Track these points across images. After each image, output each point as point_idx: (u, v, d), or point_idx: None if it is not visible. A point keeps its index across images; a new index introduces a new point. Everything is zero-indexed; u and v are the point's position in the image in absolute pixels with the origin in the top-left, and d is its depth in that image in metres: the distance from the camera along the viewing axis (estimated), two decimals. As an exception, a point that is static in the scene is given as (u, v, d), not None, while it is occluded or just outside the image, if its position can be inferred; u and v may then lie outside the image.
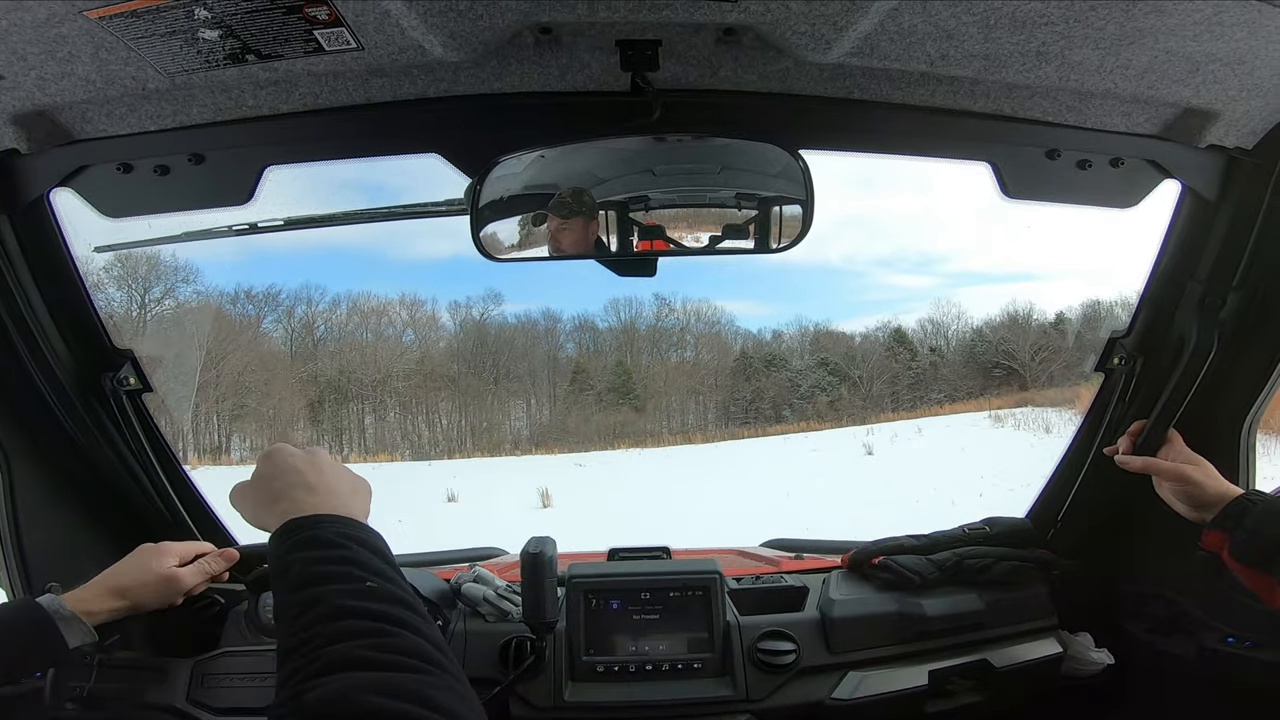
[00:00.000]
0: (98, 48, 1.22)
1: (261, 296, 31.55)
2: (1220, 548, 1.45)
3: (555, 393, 34.50)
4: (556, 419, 34.17)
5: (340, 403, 32.40)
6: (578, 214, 1.43)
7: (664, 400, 34.68)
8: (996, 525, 2.02)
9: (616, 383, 34.80)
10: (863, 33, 1.26)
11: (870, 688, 1.73)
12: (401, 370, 33.52)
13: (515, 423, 33.97)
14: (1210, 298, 1.65)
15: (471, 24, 1.22)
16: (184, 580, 1.48)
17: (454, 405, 33.92)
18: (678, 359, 35.70)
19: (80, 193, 1.55)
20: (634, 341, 35.79)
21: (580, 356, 35.59)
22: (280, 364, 32.13)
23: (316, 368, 32.90)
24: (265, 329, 32.13)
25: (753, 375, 34.71)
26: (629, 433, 33.23)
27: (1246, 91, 1.41)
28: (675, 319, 35.46)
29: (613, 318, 35.92)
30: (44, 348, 1.64)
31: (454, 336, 34.21)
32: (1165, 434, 1.64)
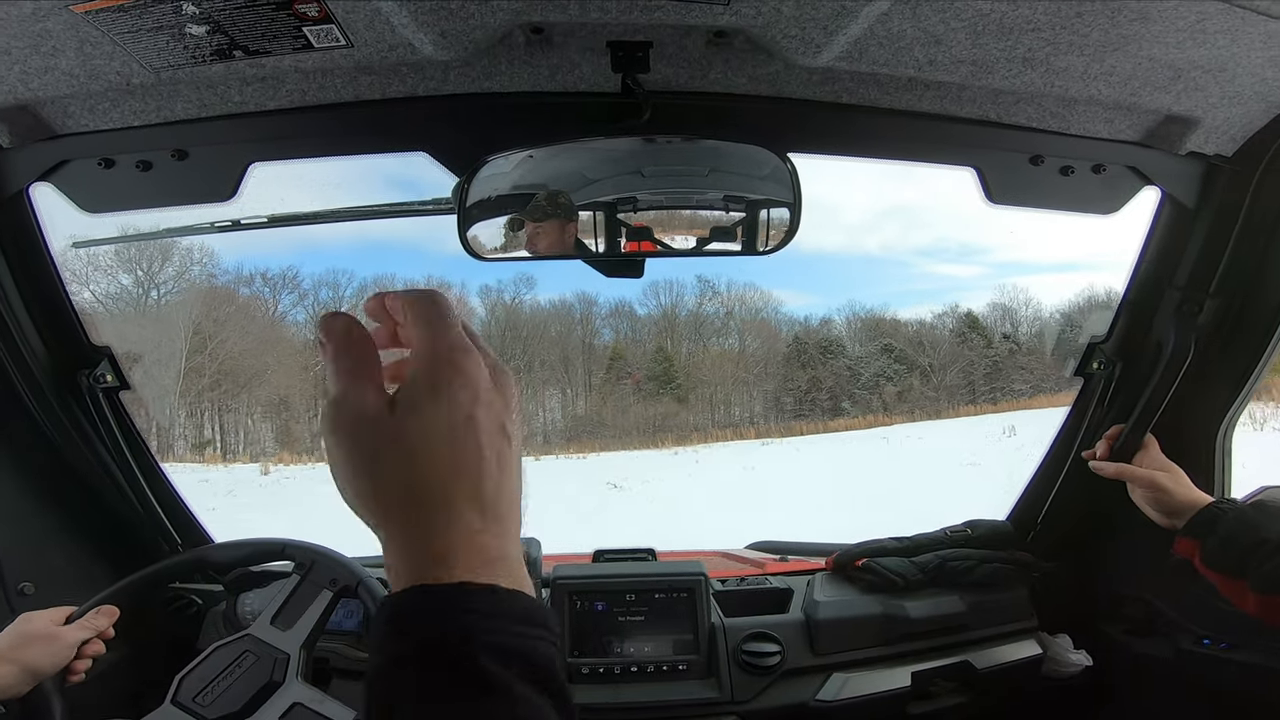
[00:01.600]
0: (82, 42, 1.20)
1: (278, 278, 28.90)
2: (1192, 554, 1.47)
3: (590, 381, 31.43)
4: (591, 410, 31.09)
5: None
6: (552, 216, 1.43)
7: (709, 390, 31.23)
8: (978, 528, 2.04)
9: (657, 370, 31.43)
10: (852, 37, 1.27)
11: (854, 689, 1.74)
12: None
13: (549, 414, 30.92)
14: (1188, 304, 1.68)
15: (462, 23, 1.22)
16: (66, 635, 1.42)
17: None
18: (721, 347, 32.03)
19: (60, 188, 1.52)
20: (674, 328, 32.35)
21: (617, 343, 32.20)
22: (292, 349, 29.49)
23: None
24: (282, 312, 29.58)
25: (808, 363, 30.76)
26: (672, 427, 29.98)
27: (1227, 99, 1.43)
28: (719, 304, 32.23)
29: (652, 302, 32.29)
30: (20, 344, 1.62)
31: (483, 322, 30.77)
32: (1142, 439, 1.66)
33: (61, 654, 1.40)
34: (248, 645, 1.48)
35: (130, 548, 1.86)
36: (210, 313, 26.80)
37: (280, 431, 27.88)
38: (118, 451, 1.79)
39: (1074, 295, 28.53)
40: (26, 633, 1.39)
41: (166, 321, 25.24)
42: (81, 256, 2.49)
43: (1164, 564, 1.57)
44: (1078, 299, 29.25)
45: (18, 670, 1.34)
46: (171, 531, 1.92)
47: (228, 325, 27.19)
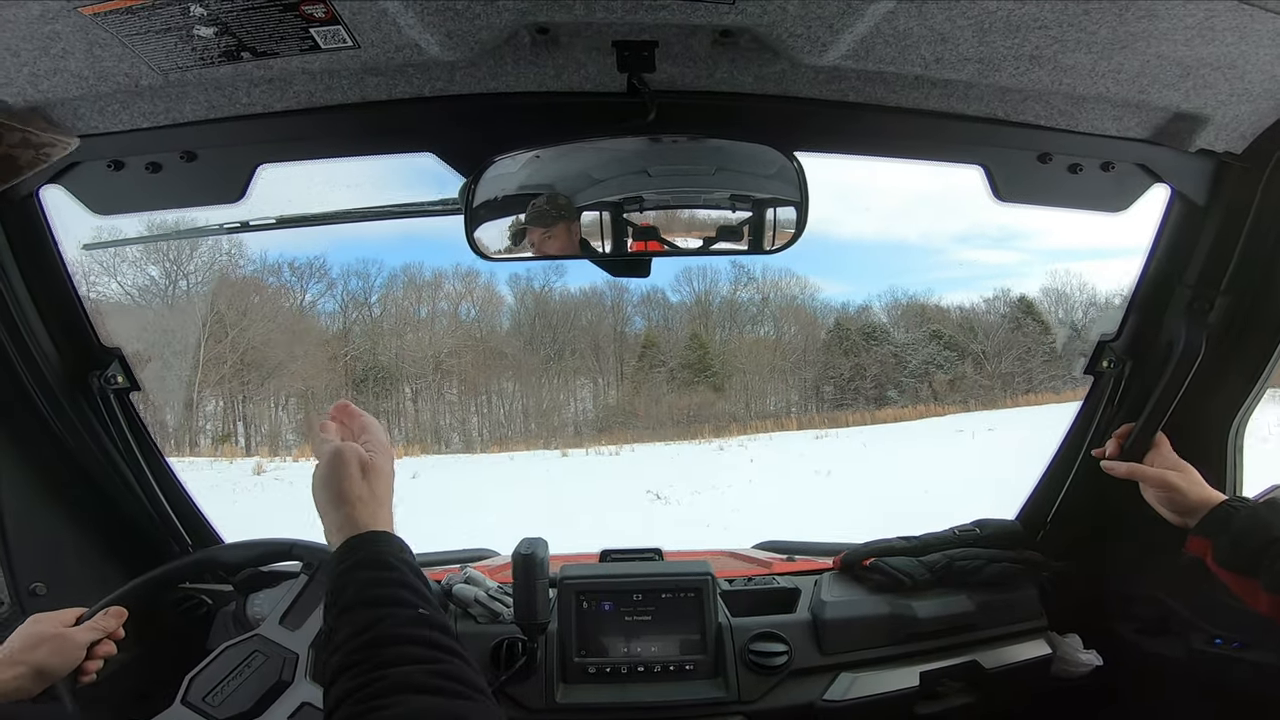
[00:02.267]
0: (91, 44, 1.21)
1: (305, 267, 27.74)
2: (1204, 553, 1.46)
3: (622, 370, 29.94)
4: (623, 400, 29.48)
5: (379, 382, 28.41)
6: (559, 220, 1.43)
7: (745, 379, 29.52)
8: (986, 527, 2.03)
9: (691, 358, 29.69)
10: (858, 36, 1.27)
11: (862, 689, 1.74)
12: (450, 347, 29.29)
13: (579, 403, 29.66)
14: (1198, 302, 1.67)
15: (468, 23, 1.22)
16: (77, 637, 1.43)
17: (513, 387, 29.28)
18: (756, 334, 30.47)
19: (70, 190, 1.53)
20: (708, 314, 30.74)
21: (650, 330, 30.54)
22: (319, 340, 28.47)
23: (357, 346, 29.01)
24: (309, 302, 28.45)
25: (851, 350, 28.90)
26: (708, 417, 28.18)
27: (1236, 96, 1.43)
28: (754, 290, 30.55)
29: (685, 289, 30.77)
30: (31, 345, 1.63)
31: (512, 310, 30.25)
32: (1153, 438, 1.64)
33: (72, 655, 1.41)
34: (257, 645, 1.48)
35: (140, 548, 1.87)
36: (235, 303, 26.06)
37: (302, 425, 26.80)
38: (128, 452, 1.80)
39: (1131, 281, 27.52)
40: (37, 634, 1.39)
41: (192, 312, 24.83)
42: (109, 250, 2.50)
43: (1175, 563, 1.55)
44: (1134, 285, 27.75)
45: (30, 672, 1.35)
46: (181, 532, 1.93)
47: (251, 315, 26.53)
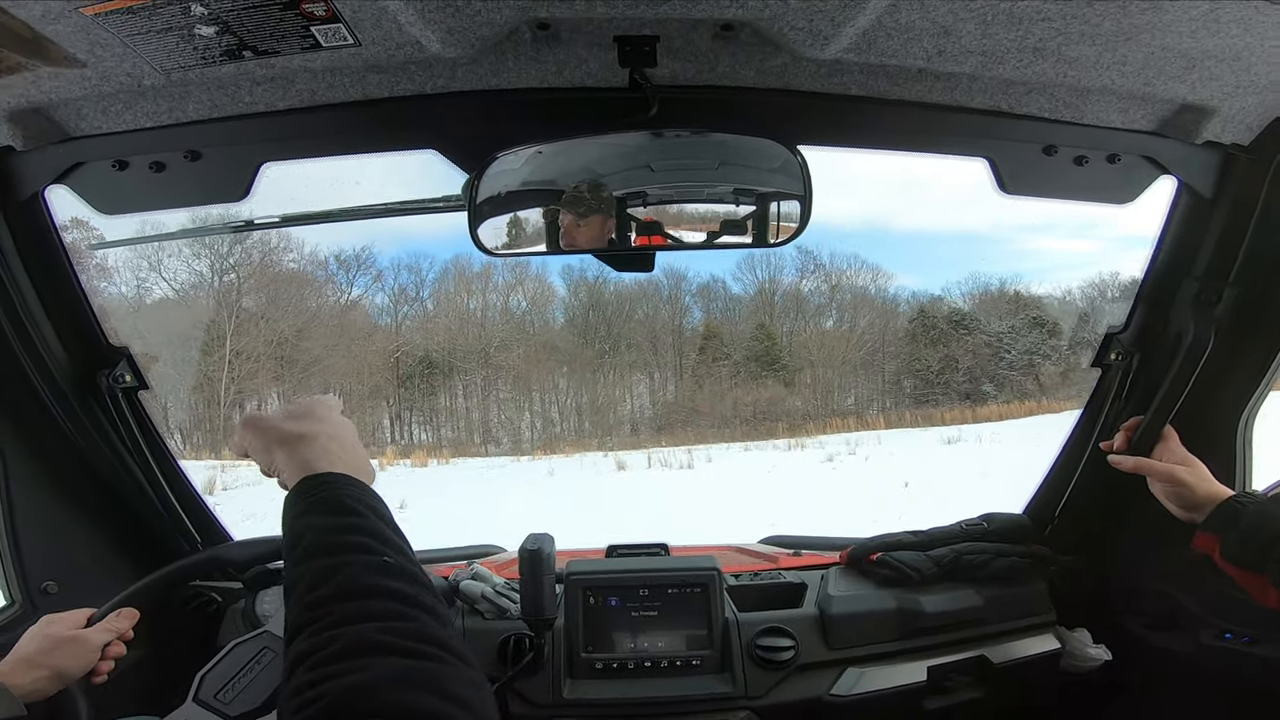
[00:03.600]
0: (93, 44, 1.21)
1: (351, 258, 26.56)
2: (1212, 549, 1.45)
3: (681, 364, 27.75)
4: (684, 395, 27.24)
5: (424, 378, 26.93)
6: (596, 211, 1.43)
7: (817, 372, 27.05)
8: (994, 521, 2.02)
9: (758, 350, 27.29)
10: (860, 28, 1.26)
11: (869, 684, 1.74)
12: (500, 341, 27.62)
13: (636, 400, 27.64)
14: (1206, 294, 1.65)
15: (469, 20, 1.22)
16: (91, 638, 1.43)
17: (566, 383, 27.79)
18: (824, 325, 28.24)
19: (76, 190, 1.54)
20: (772, 305, 28.49)
21: (710, 321, 28.44)
22: (362, 333, 27.08)
23: (407, 340, 27.65)
24: (356, 296, 27.33)
25: (939, 340, 26.34)
26: (780, 414, 25.57)
27: (1243, 88, 1.41)
28: (821, 279, 28.25)
29: (747, 277, 28.51)
30: (39, 345, 1.64)
31: (564, 301, 28.55)
32: (1160, 431, 1.64)
33: (87, 657, 1.42)
34: (266, 642, 1.49)
35: (150, 546, 1.88)
36: (278, 298, 25.41)
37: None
38: (137, 451, 1.81)
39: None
40: (53, 636, 1.40)
41: (230, 306, 24.36)
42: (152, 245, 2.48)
43: (1184, 557, 1.54)
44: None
45: (48, 675, 1.36)
46: (191, 530, 1.94)
47: (291, 309, 25.73)
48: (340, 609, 0.77)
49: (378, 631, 0.75)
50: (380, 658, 0.72)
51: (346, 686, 0.69)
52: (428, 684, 0.72)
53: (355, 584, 0.80)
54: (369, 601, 0.78)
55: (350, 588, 0.79)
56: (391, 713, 0.68)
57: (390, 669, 0.72)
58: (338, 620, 0.76)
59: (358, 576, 0.80)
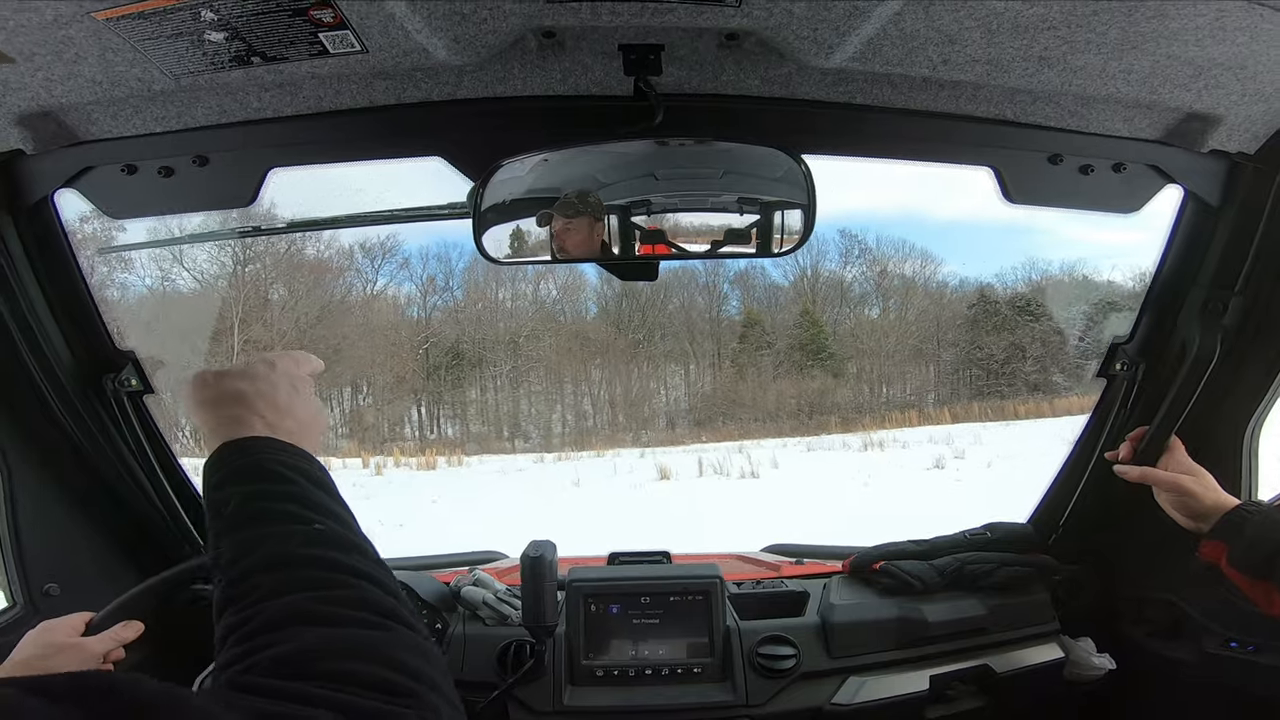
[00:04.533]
0: (105, 49, 1.22)
1: (376, 247, 24.89)
2: (1218, 558, 1.45)
3: (720, 353, 25.73)
4: (723, 387, 25.19)
5: (450, 370, 25.34)
6: (583, 214, 1.43)
7: (867, 362, 24.85)
8: (998, 530, 2.01)
9: (803, 338, 25.15)
10: (865, 38, 1.27)
11: (870, 693, 1.73)
12: (530, 330, 26.00)
13: (670, 392, 25.67)
14: (1213, 303, 1.65)
15: (475, 28, 1.23)
16: (91, 646, 1.41)
17: (600, 374, 25.82)
18: (868, 313, 26.18)
19: (85, 194, 1.55)
20: (815, 290, 26.27)
21: (751, 308, 26.40)
22: (391, 325, 25.42)
23: (436, 331, 25.83)
24: (381, 287, 25.77)
25: (1002, 327, 23.85)
26: (830, 407, 23.38)
27: (1249, 96, 1.41)
28: (867, 264, 25.95)
29: (788, 262, 25.83)
30: (46, 348, 1.64)
31: (596, 290, 26.20)
32: (1166, 441, 1.63)
33: (87, 665, 1.40)
34: None
35: (152, 549, 1.89)
36: (296, 288, 24.15)
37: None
38: (141, 454, 1.81)
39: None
40: (51, 643, 1.39)
41: (257, 296, 23.51)
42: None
43: (1188, 566, 1.54)
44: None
45: None
46: (193, 533, 1.95)
47: (312, 299, 24.46)
48: (267, 580, 0.72)
49: (310, 601, 0.70)
50: (313, 627, 0.68)
51: (274, 657, 0.65)
52: (370, 652, 0.67)
53: (284, 553, 0.74)
54: (300, 571, 0.73)
55: (278, 557, 0.74)
56: (329, 681, 0.63)
57: (325, 637, 0.67)
58: (265, 593, 0.70)
59: (286, 545, 0.75)
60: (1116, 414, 1.87)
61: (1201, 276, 1.69)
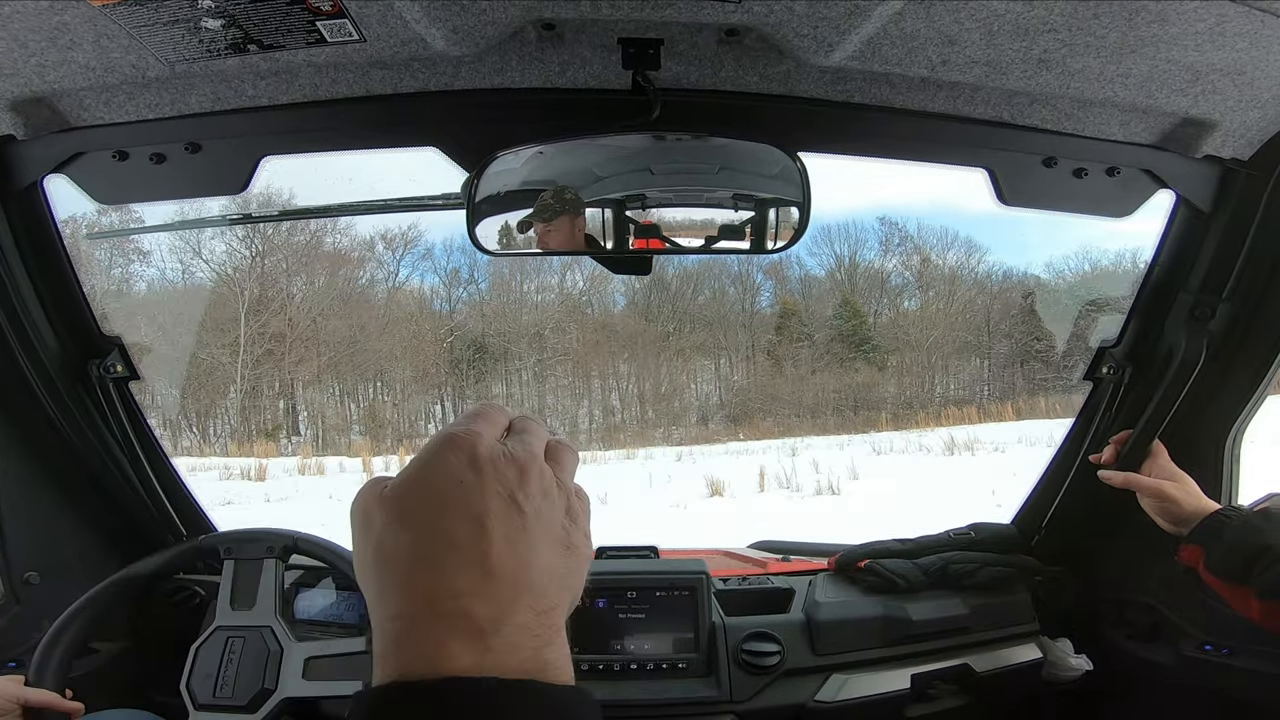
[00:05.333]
0: (99, 35, 1.21)
1: (398, 238, 24.25)
2: (1196, 562, 1.47)
3: (754, 345, 24.57)
4: (758, 380, 23.69)
5: (473, 364, 24.49)
6: (561, 214, 1.43)
7: (912, 354, 23.36)
8: (982, 531, 2.03)
9: (845, 330, 23.94)
10: (865, 36, 1.27)
11: (853, 690, 1.74)
12: (555, 322, 25.19)
13: (702, 385, 24.47)
14: (1200, 309, 1.66)
15: (474, 18, 1.22)
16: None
17: (628, 368, 24.61)
18: (909, 304, 24.96)
19: (75, 179, 1.54)
20: (854, 280, 25.20)
21: (787, 298, 25.23)
22: (413, 317, 24.65)
23: (459, 322, 25.21)
24: (404, 279, 25.21)
25: (1063, 317, 22.73)
26: (877, 402, 22.01)
27: (1245, 102, 1.42)
28: (907, 250, 24.75)
29: (825, 251, 24.77)
30: (31, 334, 1.63)
31: (625, 281, 25.10)
32: (1150, 445, 1.65)
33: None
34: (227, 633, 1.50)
35: (135, 538, 1.87)
36: (317, 277, 23.55)
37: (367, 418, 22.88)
38: (126, 442, 1.80)
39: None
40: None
41: (274, 288, 22.91)
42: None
43: (1167, 569, 1.56)
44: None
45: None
46: (177, 522, 1.94)
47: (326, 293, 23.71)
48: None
49: None
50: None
51: None
52: None
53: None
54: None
55: None
56: None
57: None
58: None
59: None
60: (1102, 417, 1.88)
61: (1190, 282, 1.70)
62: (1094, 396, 1.92)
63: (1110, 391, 1.86)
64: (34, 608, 1.67)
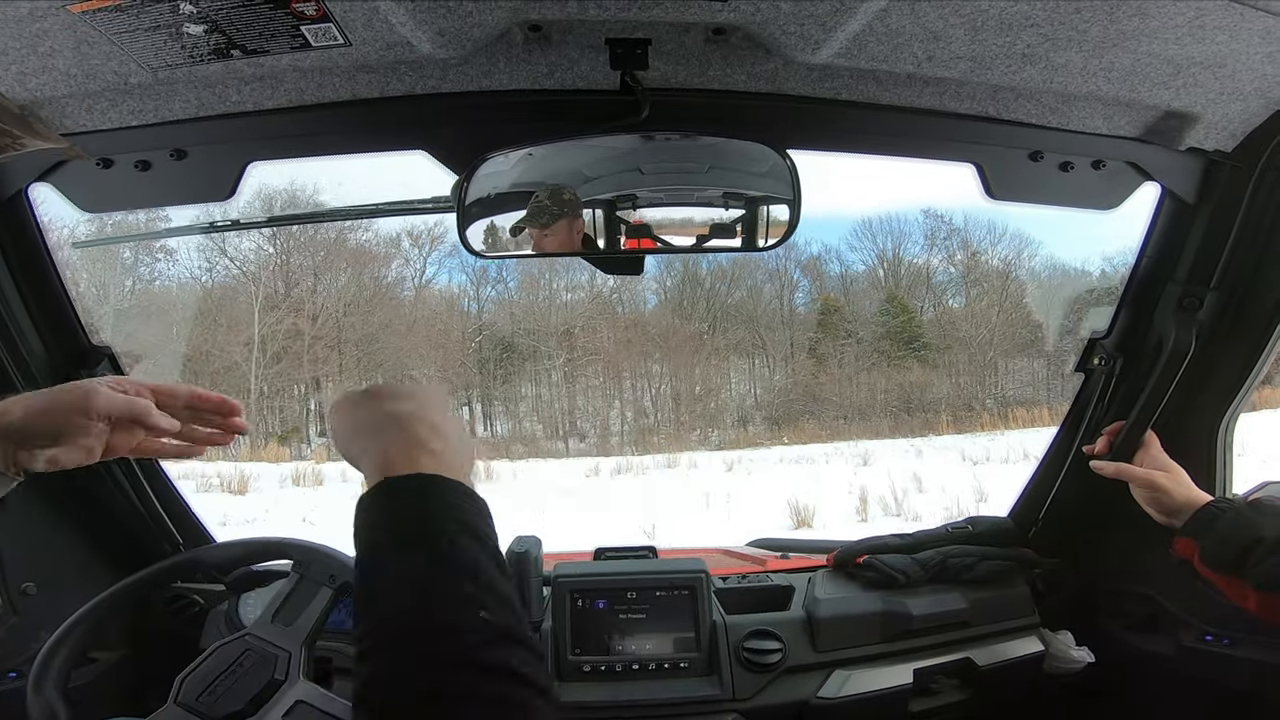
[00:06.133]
0: (80, 42, 1.20)
1: (424, 235, 23.11)
2: (1191, 554, 1.48)
3: (794, 343, 23.33)
4: (800, 380, 22.47)
5: (499, 364, 23.64)
6: (559, 217, 1.43)
7: (965, 352, 21.95)
8: (979, 524, 2.04)
9: (893, 326, 22.71)
10: (851, 34, 1.27)
11: (855, 686, 1.74)
12: (584, 319, 24.19)
13: (742, 385, 23.49)
14: (1189, 299, 1.67)
15: (460, 21, 1.22)
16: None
17: (661, 366, 23.52)
18: (959, 297, 23.57)
19: (59, 187, 1.52)
20: (899, 275, 24.01)
21: (828, 294, 24.06)
22: (440, 314, 23.77)
23: (488, 323, 24.17)
24: (430, 276, 24.12)
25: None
26: (932, 403, 20.68)
27: (1226, 95, 1.43)
28: (954, 245, 23.44)
29: (865, 245, 23.98)
30: (19, 344, 1.61)
31: (654, 276, 24.07)
32: (1143, 435, 1.66)
33: None
34: (249, 644, 1.48)
35: (132, 548, 1.86)
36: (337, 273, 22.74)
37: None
38: None
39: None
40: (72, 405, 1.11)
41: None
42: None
43: (1166, 560, 1.56)
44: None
45: None
46: (173, 532, 1.92)
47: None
48: (416, 671, 0.66)
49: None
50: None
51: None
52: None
53: (440, 645, 0.67)
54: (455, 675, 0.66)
55: (433, 651, 0.67)
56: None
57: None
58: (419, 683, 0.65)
59: (453, 638, 0.68)
60: (1094, 408, 1.89)
61: (1178, 272, 1.71)
62: (1086, 388, 1.93)
63: (1102, 382, 1.86)
64: (31, 618, 1.65)
